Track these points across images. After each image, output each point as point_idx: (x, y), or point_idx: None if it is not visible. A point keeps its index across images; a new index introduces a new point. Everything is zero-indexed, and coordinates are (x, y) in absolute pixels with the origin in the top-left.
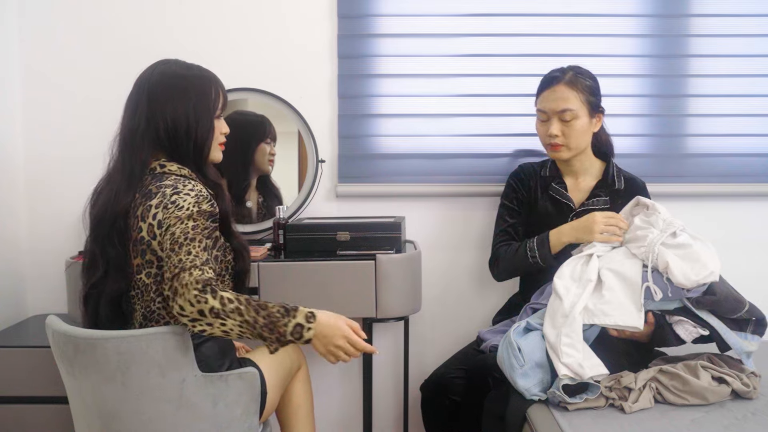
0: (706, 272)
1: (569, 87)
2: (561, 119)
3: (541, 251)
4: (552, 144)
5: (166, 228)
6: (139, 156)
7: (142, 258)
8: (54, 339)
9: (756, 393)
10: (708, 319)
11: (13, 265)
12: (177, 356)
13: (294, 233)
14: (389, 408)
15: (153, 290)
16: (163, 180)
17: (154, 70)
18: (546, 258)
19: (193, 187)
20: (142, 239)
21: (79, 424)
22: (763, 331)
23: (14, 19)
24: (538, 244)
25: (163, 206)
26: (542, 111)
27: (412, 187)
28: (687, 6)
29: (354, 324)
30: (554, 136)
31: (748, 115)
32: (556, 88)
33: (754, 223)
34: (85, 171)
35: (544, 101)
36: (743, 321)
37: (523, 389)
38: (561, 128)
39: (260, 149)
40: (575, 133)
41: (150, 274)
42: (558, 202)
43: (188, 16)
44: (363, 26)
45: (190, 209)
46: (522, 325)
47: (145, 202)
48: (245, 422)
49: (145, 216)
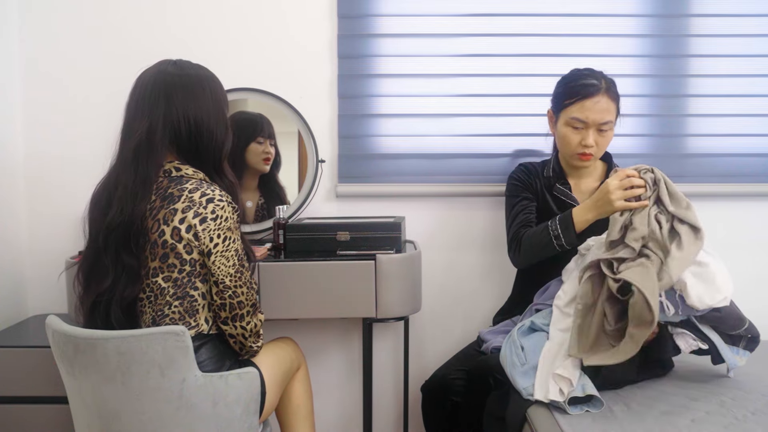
0: (720, 297)
1: (610, 98)
2: (599, 130)
3: (567, 236)
4: (584, 154)
5: (223, 240)
6: (156, 159)
7: (162, 261)
8: (54, 339)
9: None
10: (709, 334)
11: (13, 265)
12: (177, 356)
13: (294, 233)
14: (389, 408)
15: (170, 294)
16: (183, 183)
17: (164, 70)
18: (572, 241)
19: (219, 191)
20: (165, 243)
21: (79, 424)
22: (753, 347)
23: (15, 18)
24: (563, 229)
25: (201, 217)
26: (580, 120)
27: (412, 187)
28: (687, 6)
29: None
30: (590, 146)
31: (748, 115)
32: (599, 99)
33: (754, 223)
34: (85, 171)
35: (585, 111)
36: (737, 336)
37: (522, 388)
38: (596, 138)
39: (251, 149)
40: (606, 142)
41: (169, 278)
42: (563, 203)
43: (188, 16)
44: (363, 26)
45: (232, 217)
46: (527, 324)
47: (167, 206)
48: (245, 422)
49: (168, 219)
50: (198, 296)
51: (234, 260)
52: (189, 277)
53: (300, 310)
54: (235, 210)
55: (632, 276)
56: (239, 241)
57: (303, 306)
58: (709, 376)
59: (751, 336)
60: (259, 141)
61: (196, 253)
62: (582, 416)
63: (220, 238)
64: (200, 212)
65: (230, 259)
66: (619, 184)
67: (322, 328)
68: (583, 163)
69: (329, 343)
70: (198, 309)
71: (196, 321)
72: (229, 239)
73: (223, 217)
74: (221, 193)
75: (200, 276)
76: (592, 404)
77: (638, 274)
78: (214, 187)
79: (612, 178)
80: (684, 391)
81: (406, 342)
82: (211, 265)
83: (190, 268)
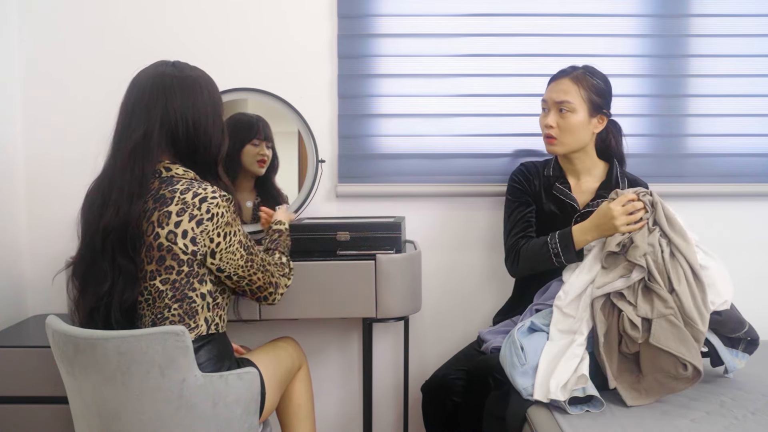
0: (720, 301)
1: (573, 82)
2: (559, 110)
3: (567, 254)
4: (547, 135)
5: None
6: (152, 160)
7: (159, 264)
8: (54, 339)
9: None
10: (710, 337)
11: (13, 265)
12: (177, 356)
13: (294, 233)
14: (389, 408)
15: (169, 296)
16: (174, 184)
17: (163, 72)
18: (572, 260)
19: (212, 188)
20: (161, 245)
21: (79, 424)
22: (753, 350)
23: (15, 18)
24: (563, 247)
25: (197, 219)
26: (544, 101)
27: (412, 187)
28: (687, 6)
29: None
30: (549, 126)
31: (748, 115)
32: (561, 81)
33: (754, 223)
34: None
35: (547, 92)
36: (736, 339)
37: (522, 388)
38: (557, 120)
39: (246, 151)
40: (569, 128)
41: (167, 281)
42: (562, 203)
43: (189, 16)
44: (363, 26)
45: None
46: (527, 325)
47: (161, 208)
48: (245, 422)
49: (162, 222)
50: (197, 297)
51: (240, 252)
52: (187, 278)
53: (300, 310)
54: (230, 201)
55: (670, 344)
56: (241, 232)
57: (303, 306)
58: (709, 376)
59: (750, 339)
60: (255, 143)
61: (193, 255)
62: (582, 416)
63: (220, 237)
64: (195, 214)
65: (236, 252)
66: (623, 210)
67: (322, 328)
68: (550, 147)
69: (329, 343)
70: (197, 310)
71: (196, 322)
72: (229, 234)
73: (219, 214)
74: (213, 189)
75: (198, 277)
76: (592, 404)
77: (673, 339)
78: (206, 184)
79: (615, 203)
80: (684, 391)
81: (406, 342)
82: (219, 262)
83: (188, 269)
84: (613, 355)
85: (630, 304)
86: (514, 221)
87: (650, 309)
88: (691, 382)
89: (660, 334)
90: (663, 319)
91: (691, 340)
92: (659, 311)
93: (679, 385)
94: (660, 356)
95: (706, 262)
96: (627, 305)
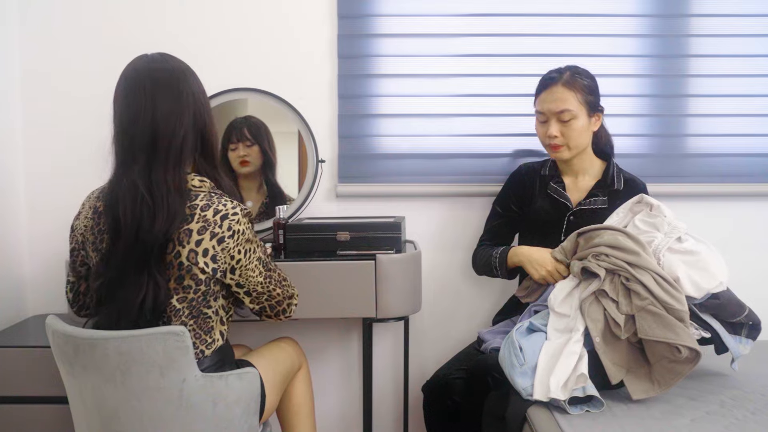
0: (715, 283)
1: (567, 87)
2: (560, 120)
3: (502, 270)
4: (552, 144)
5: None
6: (184, 170)
7: (178, 283)
8: (54, 339)
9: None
10: (710, 322)
11: (13, 265)
12: (177, 356)
13: (294, 233)
14: (389, 408)
15: (185, 314)
16: (193, 199)
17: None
18: (505, 276)
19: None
20: (181, 264)
21: (79, 424)
22: (756, 335)
23: (15, 18)
24: (499, 263)
25: (218, 237)
26: (541, 112)
27: (412, 187)
28: (687, 6)
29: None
30: (554, 137)
31: (748, 115)
32: (553, 89)
33: (754, 223)
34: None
35: (542, 103)
36: (738, 325)
37: (521, 388)
38: (560, 129)
39: (230, 156)
40: (575, 133)
41: (184, 299)
42: (555, 201)
43: (188, 16)
44: (363, 26)
45: (248, 226)
46: (525, 325)
47: (181, 225)
48: (245, 422)
49: (183, 240)
50: (211, 314)
51: (260, 269)
52: (204, 296)
53: (300, 310)
54: (249, 215)
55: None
56: (260, 249)
57: (303, 306)
58: (709, 376)
59: (752, 323)
60: (232, 147)
61: (212, 273)
62: (582, 416)
63: (241, 253)
64: (216, 232)
65: (255, 269)
66: (549, 273)
67: (322, 328)
68: (556, 154)
69: (329, 343)
70: (212, 326)
71: (212, 337)
72: (249, 251)
73: (239, 231)
74: (233, 204)
75: (214, 295)
76: (592, 404)
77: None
78: (225, 199)
79: (553, 264)
80: (684, 391)
81: (406, 342)
82: (238, 278)
83: (205, 288)
84: (617, 349)
85: (613, 301)
86: (486, 228)
87: (629, 304)
88: (692, 363)
89: (645, 326)
90: (643, 311)
91: (676, 322)
92: (637, 305)
93: (683, 368)
94: (655, 345)
95: (697, 247)
96: (610, 303)
